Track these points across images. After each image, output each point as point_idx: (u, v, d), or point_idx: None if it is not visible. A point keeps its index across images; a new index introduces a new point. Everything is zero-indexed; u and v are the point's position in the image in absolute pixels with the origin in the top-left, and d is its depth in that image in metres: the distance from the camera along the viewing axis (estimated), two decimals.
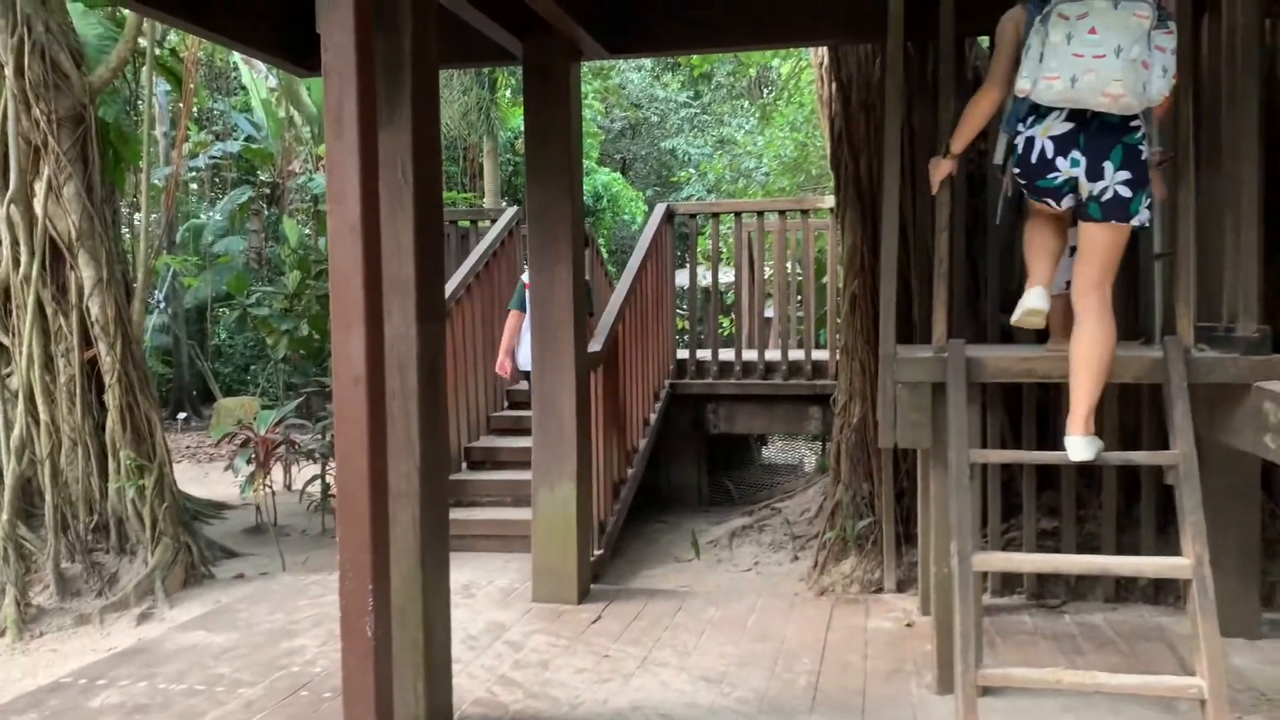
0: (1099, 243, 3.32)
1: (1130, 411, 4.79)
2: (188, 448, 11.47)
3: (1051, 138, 3.26)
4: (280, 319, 9.33)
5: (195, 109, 13.86)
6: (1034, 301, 3.45)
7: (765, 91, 18.52)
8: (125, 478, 5.69)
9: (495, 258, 7.10)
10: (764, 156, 16.17)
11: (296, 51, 4.92)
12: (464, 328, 6.61)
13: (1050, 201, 3.41)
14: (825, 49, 5.66)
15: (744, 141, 17.97)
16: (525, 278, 6.29)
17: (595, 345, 5.60)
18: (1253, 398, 3.29)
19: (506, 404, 7.27)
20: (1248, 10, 3.46)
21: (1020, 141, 3.34)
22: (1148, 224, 3.34)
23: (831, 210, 6.79)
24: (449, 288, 6.41)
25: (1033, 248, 3.59)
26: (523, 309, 5.97)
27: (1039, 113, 3.28)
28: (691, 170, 19.38)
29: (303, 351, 9.52)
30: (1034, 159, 3.31)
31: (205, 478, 9.40)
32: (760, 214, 8.16)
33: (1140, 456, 3.51)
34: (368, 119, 3.00)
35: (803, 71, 13.93)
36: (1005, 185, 3.58)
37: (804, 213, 7.95)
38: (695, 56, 16.56)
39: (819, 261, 8.92)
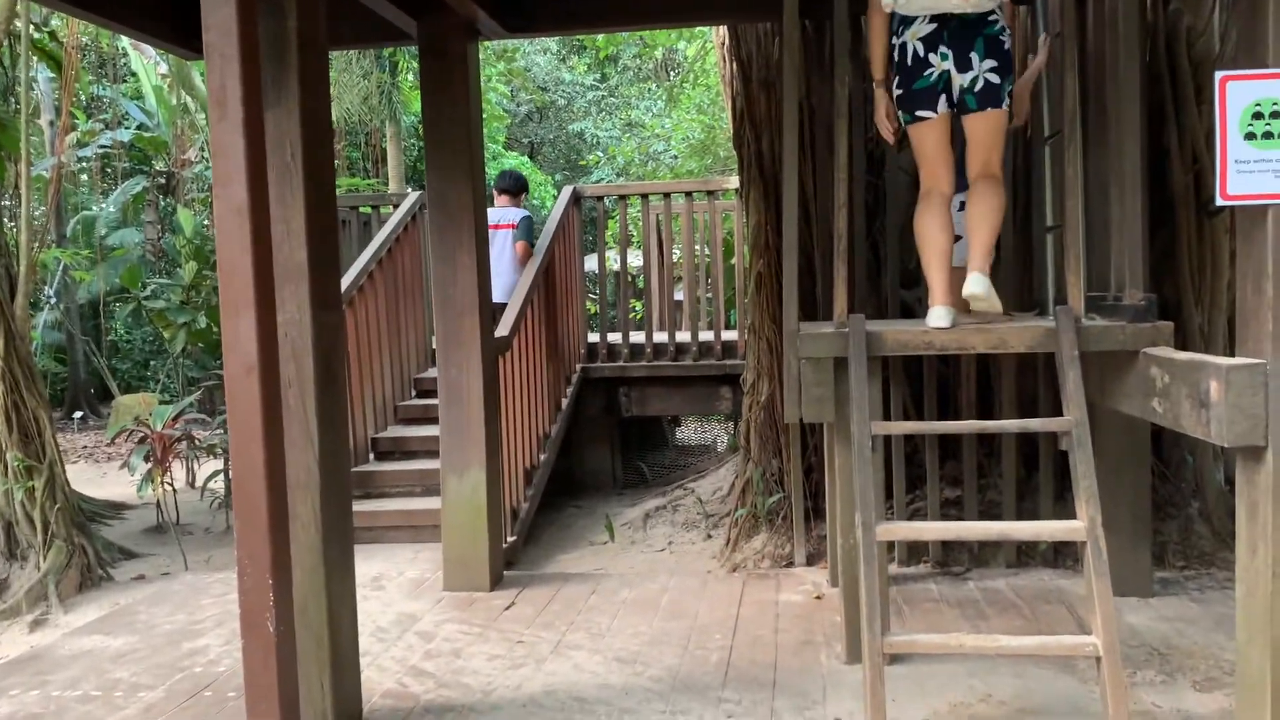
0: (980, 132, 3.62)
1: (1028, 380, 4.92)
2: (85, 447, 11.07)
3: (920, 39, 3.55)
4: (177, 312, 9.03)
5: (81, 96, 13.32)
6: (937, 321, 3.59)
7: (672, 74, 18.53)
8: (13, 479, 5.45)
9: (398, 244, 6.96)
10: (672, 139, 16.19)
11: (183, 33, 4.75)
12: (368, 315, 6.48)
13: (928, 112, 3.62)
14: (726, 28, 5.67)
15: (652, 124, 17.98)
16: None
17: (503, 330, 5.55)
18: (1140, 363, 3.40)
19: (414, 392, 7.16)
20: None
21: (895, 50, 3.64)
22: (1007, 98, 3.59)
23: (737, 191, 6.83)
24: (351, 275, 6.27)
25: (926, 246, 3.71)
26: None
27: (907, 22, 3.59)
28: (600, 153, 19.32)
29: (202, 344, 9.23)
30: (909, 61, 3.60)
31: (103, 478, 9.09)
32: (667, 196, 8.17)
33: (1035, 424, 3.59)
34: (253, 99, 2.90)
35: (708, 54, 13.98)
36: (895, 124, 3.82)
37: (710, 194, 7.98)
38: (600, 39, 16.47)
39: (727, 243, 8.96)
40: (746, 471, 5.62)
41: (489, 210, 7.43)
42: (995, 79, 3.53)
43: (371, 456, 6.53)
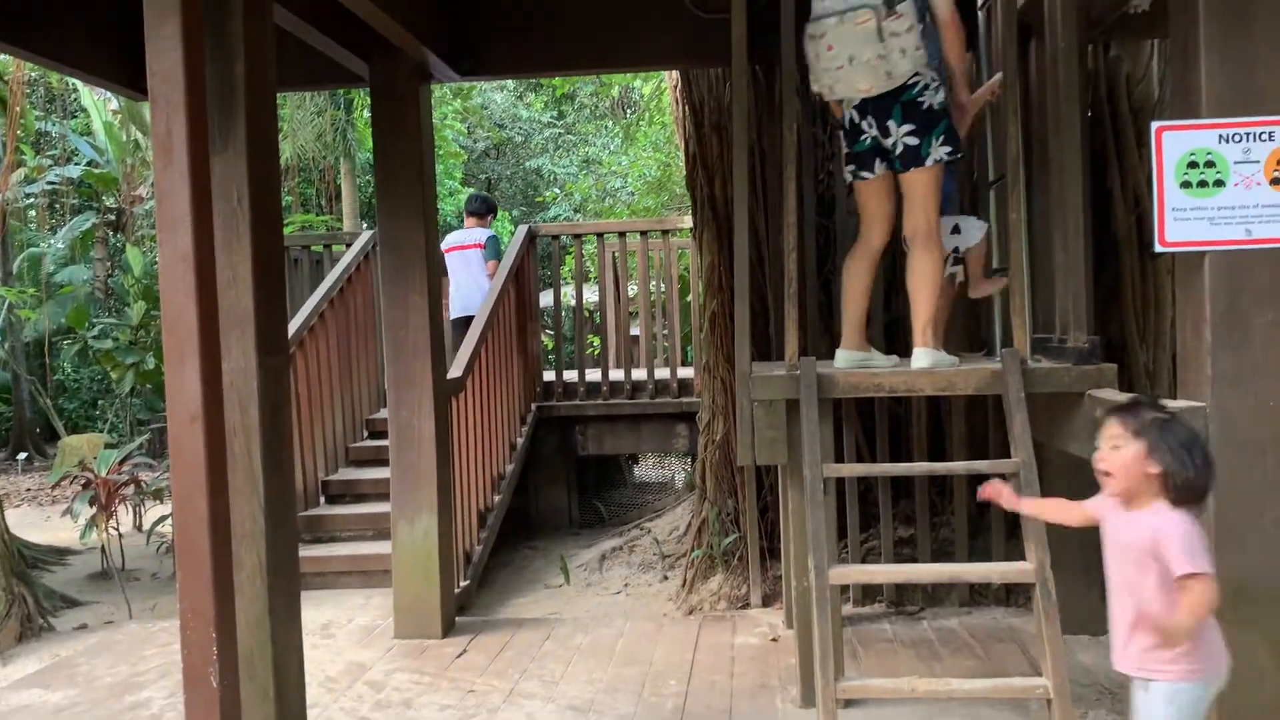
0: (910, 189, 3.77)
1: (978, 418, 4.97)
2: (28, 490, 10.81)
3: (853, 108, 3.80)
4: (125, 352, 8.90)
5: (26, 132, 13.13)
6: (836, 363, 3.85)
7: (628, 112, 18.67)
8: None
9: (350, 283, 6.91)
10: (628, 176, 16.29)
11: (130, 74, 4.70)
12: (319, 356, 6.41)
13: (867, 173, 3.84)
14: (678, 72, 5.73)
15: (609, 161, 18.08)
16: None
17: (456, 371, 5.51)
18: (1086, 405, 3.45)
19: (366, 433, 7.08)
20: (1069, 35, 3.63)
21: (845, 119, 3.87)
22: (946, 157, 3.71)
23: (691, 231, 6.87)
24: (301, 315, 6.21)
25: (843, 292, 3.96)
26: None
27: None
28: (557, 190, 19.38)
29: (150, 385, 9.09)
30: (848, 125, 3.86)
31: (46, 521, 8.87)
32: (623, 235, 8.21)
33: (983, 465, 3.62)
34: (198, 145, 2.88)
35: (663, 93, 14.12)
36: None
37: (665, 232, 8.03)
38: (555, 78, 16.57)
39: (683, 279, 9.01)
40: (702, 511, 5.61)
41: (456, 233, 7.65)
42: (914, 141, 3.69)
43: (322, 499, 6.43)
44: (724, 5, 3.95)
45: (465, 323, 6.76)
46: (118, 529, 6.66)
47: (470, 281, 7.53)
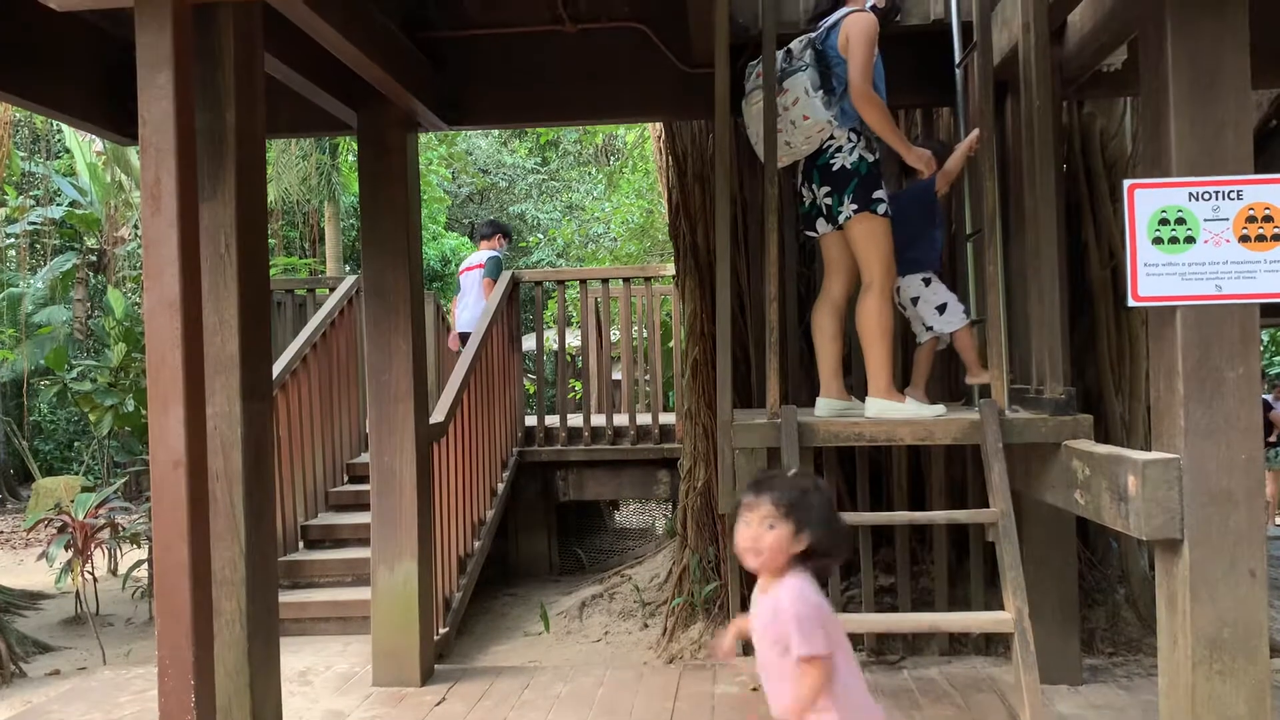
0: (850, 243, 3.93)
1: (957, 467, 5.01)
2: (2, 533, 10.69)
3: (795, 175, 4.08)
4: (105, 394, 8.83)
5: (10, 173, 13.13)
6: (817, 411, 3.95)
7: (611, 159, 18.85)
8: None
9: (334, 327, 6.92)
10: (611, 222, 16.41)
11: (118, 119, 4.73)
12: (300, 400, 6.40)
13: (811, 233, 4.08)
14: (662, 124, 5.81)
15: (592, 207, 18.22)
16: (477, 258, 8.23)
17: (438, 416, 5.51)
18: (1063, 455, 3.49)
19: (347, 478, 7.05)
20: (1043, 93, 3.72)
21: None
22: (853, 214, 3.85)
23: (673, 278, 6.93)
24: (284, 359, 6.21)
25: (817, 343, 4.09)
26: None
27: None
28: (540, 235, 19.48)
29: (129, 428, 9.02)
30: (794, 191, 4.13)
31: (20, 565, 8.77)
32: (605, 281, 8.26)
33: (962, 515, 3.66)
34: (187, 193, 2.91)
35: (646, 141, 14.28)
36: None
37: (647, 279, 8.09)
38: (541, 127, 16.73)
39: (665, 325, 9.06)
40: (683, 559, 5.61)
41: (470, 255, 8.58)
42: (829, 201, 3.90)
43: (301, 544, 6.39)
44: (707, 60, 4.04)
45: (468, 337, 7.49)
46: (93, 573, 6.58)
47: (476, 301, 8.01)
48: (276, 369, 5.99)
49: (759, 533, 2.31)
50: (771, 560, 2.32)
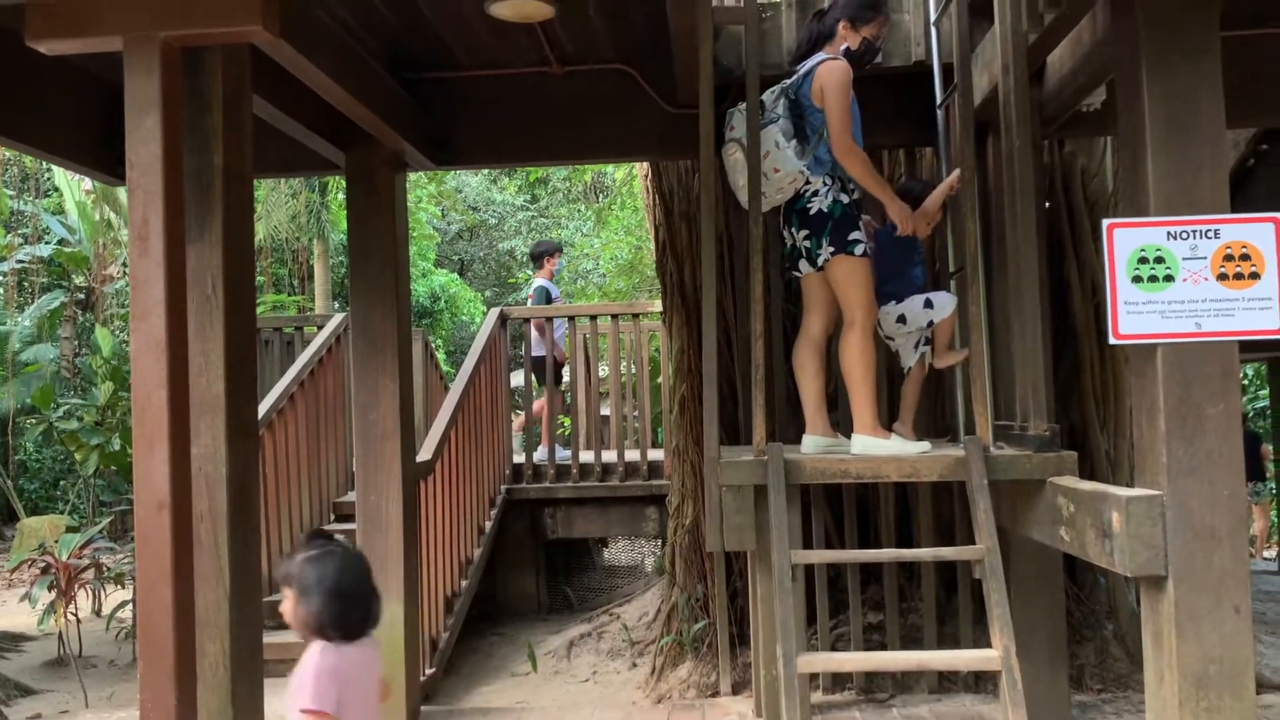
0: (831, 284, 3.98)
1: (945, 503, 5.02)
2: None
3: (779, 217, 4.12)
4: (91, 433, 8.80)
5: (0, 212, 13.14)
6: (804, 448, 3.98)
7: (600, 196, 18.96)
8: None
9: (321, 365, 6.91)
10: (600, 259, 16.48)
11: (106, 160, 4.75)
12: (287, 439, 6.38)
13: (795, 273, 4.13)
14: (649, 163, 5.86)
15: (581, 244, 18.29)
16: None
17: (425, 455, 5.51)
18: (1048, 492, 3.50)
19: (333, 517, 7.01)
20: (1024, 133, 3.77)
21: None
22: (831, 256, 3.89)
23: (661, 315, 6.96)
24: (271, 398, 6.20)
25: (799, 381, 4.13)
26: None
27: None
28: (530, 272, 19.53)
29: (115, 467, 8.98)
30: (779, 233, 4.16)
31: (2, 606, 8.67)
32: (594, 318, 8.29)
33: (948, 552, 3.66)
34: (175, 234, 2.93)
35: (634, 178, 14.38)
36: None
37: (635, 316, 8.12)
38: (529, 167, 16.84)
39: (654, 361, 9.08)
40: (672, 597, 5.59)
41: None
42: (808, 244, 3.96)
43: None
44: (693, 101, 4.09)
45: (535, 361, 7.93)
46: (76, 614, 6.52)
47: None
48: (263, 408, 5.98)
49: (285, 602, 2.49)
50: (296, 626, 2.48)
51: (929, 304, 4.13)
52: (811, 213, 3.91)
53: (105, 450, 8.76)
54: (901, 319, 4.18)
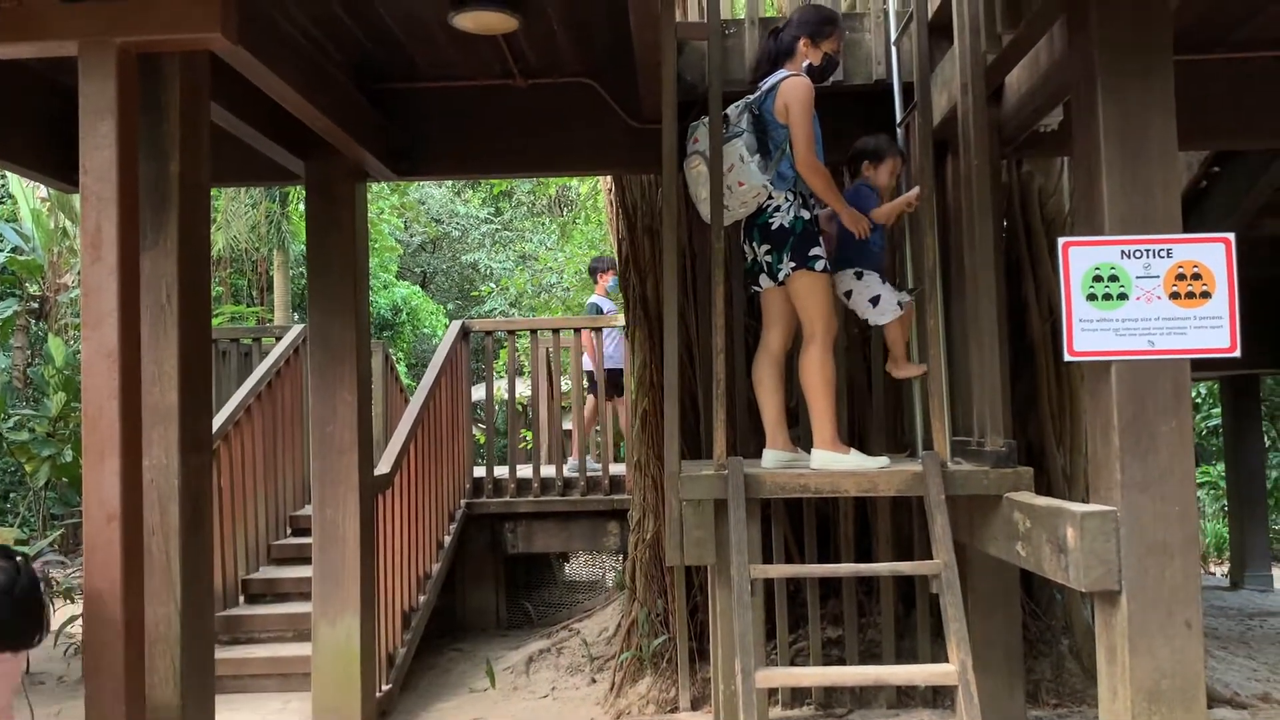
0: (791, 298, 3.99)
1: (904, 517, 5.04)
2: None
3: (740, 232, 4.15)
4: (42, 444, 8.63)
5: None
6: (764, 463, 3.99)
7: (565, 210, 18.96)
8: None
9: (279, 377, 6.83)
10: (564, 272, 16.47)
11: (61, 167, 4.66)
12: (243, 451, 6.29)
13: (756, 287, 4.12)
14: (612, 177, 5.87)
15: (545, 257, 18.27)
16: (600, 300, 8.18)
17: (384, 468, 5.46)
18: (1004, 508, 3.53)
19: (290, 530, 6.92)
20: (982, 153, 3.82)
21: None
22: (791, 270, 3.90)
23: (624, 328, 6.96)
24: (227, 410, 6.12)
25: (758, 395, 4.13)
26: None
27: None
28: (493, 285, 19.47)
29: (66, 479, 8.81)
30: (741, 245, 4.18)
31: None
32: (556, 331, 8.27)
33: (906, 567, 3.68)
34: (128, 242, 2.89)
35: (599, 193, 14.41)
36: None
37: (598, 330, 8.10)
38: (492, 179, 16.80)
39: None
40: (632, 612, 5.57)
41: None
42: (770, 258, 3.97)
43: (241, 599, 6.25)
44: (656, 116, 4.10)
45: (606, 373, 7.86)
46: None
47: (608, 342, 7.98)
48: (219, 419, 5.90)
49: None
50: None
51: (875, 301, 4.16)
52: (773, 228, 3.94)
53: (57, 462, 8.59)
54: (848, 294, 4.23)
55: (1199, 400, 12.70)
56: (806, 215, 3.94)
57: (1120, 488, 2.86)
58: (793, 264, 3.90)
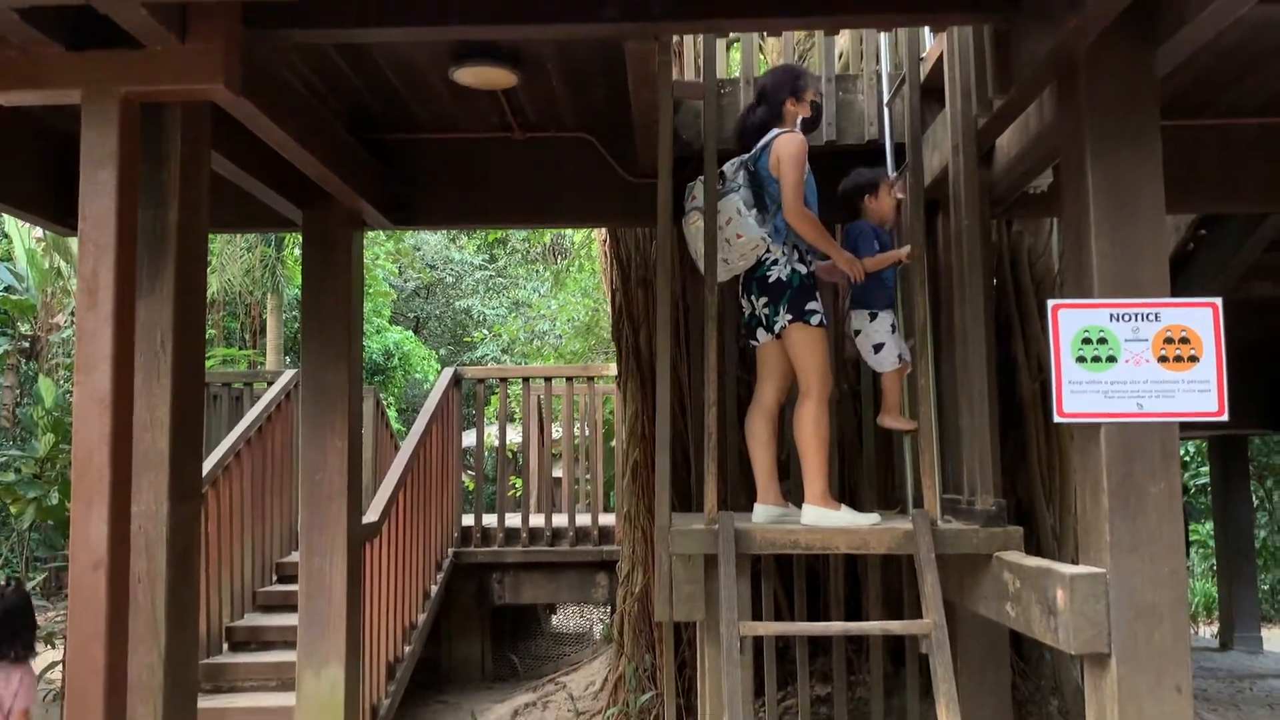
0: (789, 350, 3.98)
1: (894, 575, 5.02)
2: None
3: (737, 285, 4.16)
4: (28, 485, 8.57)
5: None
6: (754, 517, 3.96)
7: (559, 258, 19.05)
8: None
9: (270, 422, 6.82)
10: (557, 319, 16.51)
11: (58, 210, 4.68)
12: (231, 497, 6.26)
13: (754, 341, 4.13)
14: (606, 228, 5.92)
15: (538, 304, 18.33)
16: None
17: (372, 516, 5.43)
18: (994, 567, 3.53)
19: (276, 577, 6.87)
20: (972, 213, 3.86)
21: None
22: (788, 324, 3.91)
23: (616, 379, 6.98)
24: (217, 454, 6.10)
25: (750, 449, 4.12)
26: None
27: None
28: (485, 331, 19.50)
29: (51, 521, 8.74)
30: (737, 297, 4.20)
31: None
32: (548, 380, 8.28)
33: (896, 626, 3.66)
34: (125, 290, 2.90)
35: (593, 241, 14.49)
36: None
37: (590, 379, 8.12)
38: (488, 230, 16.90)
39: (608, 423, 9.07)
40: (619, 667, 5.52)
41: None
42: (767, 311, 4.00)
43: (225, 646, 6.18)
44: (652, 171, 4.15)
45: None
46: None
47: None
48: (208, 464, 5.88)
49: None
50: None
51: (878, 349, 4.19)
52: (770, 280, 3.97)
53: (43, 504, 8.53)
54: (857, 333, 4.27)
55: (1187, 458, 12.73)
56: (803, 270, 3.97)
57: (1109, 549, 2.86)
58: (789, 316, 3.93)
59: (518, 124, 4.78)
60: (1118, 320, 3.00)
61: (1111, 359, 2.99)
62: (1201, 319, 3.00)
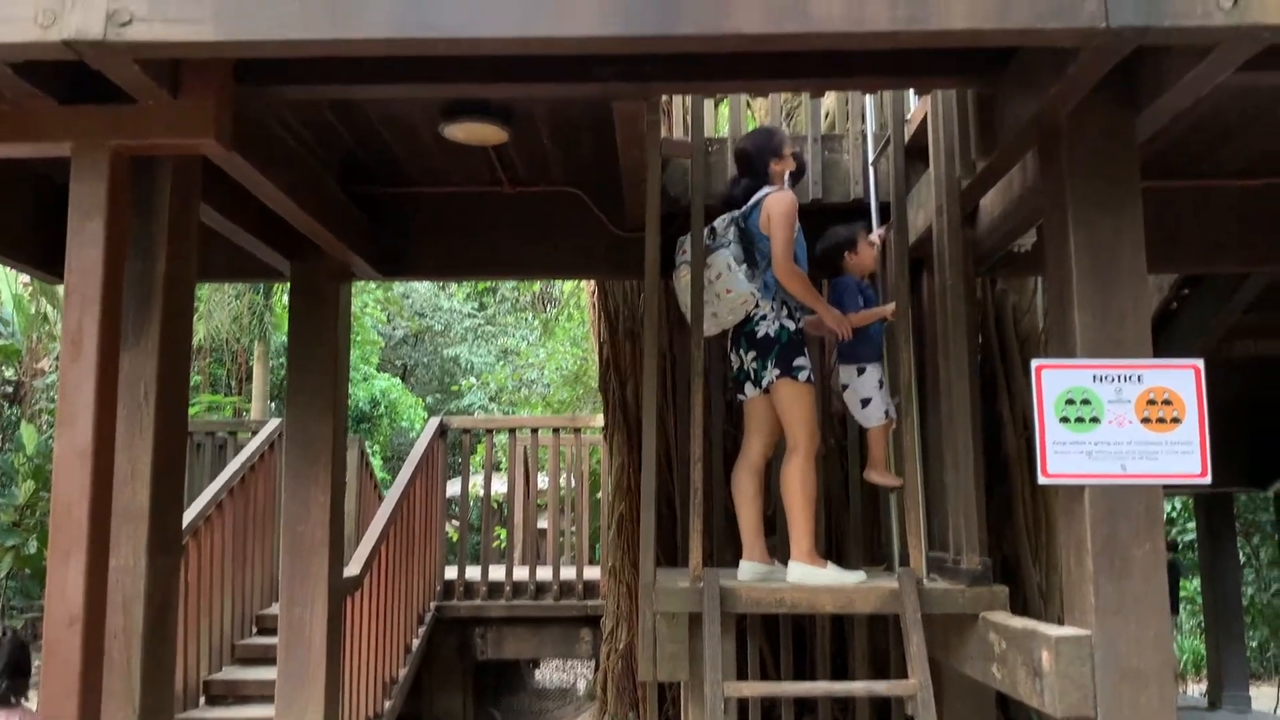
0: (776, 406, 3.99)
1: (880, 633, 4.99)
2: None
3: (725, 339, 4.20)
4: (6, 533, 8.47)
5: None
6: (740, 575, 3.94)
7: (548, 307, 19.09)
8: None
9: (253, 472, 6.77)
10: (545, 368, 16.50)
11: (45, 257, 4.67)
12: (212, 548, 6.19)
13: (742, 395, 4.14)
14: (595, 280, 5.95)
15: (526, 353, 18.33)
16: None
17: (353, 569, 5.38)
18: (980, 627, 3.51)
19: (255, 630, 6.77)
20: (957, 272, 3.90)
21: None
22: (776, 379, 3.92)
23: (602, 431, 6.96)
24: (199, 504, 6.04)
25: (736, 505, 4.12)
26: None
27: None
28: (473, 379, 19.47)
29: (29, 570, 8.62)
30: (725, 352, 4.26)
31: None
32: (535, 431, 8.25)
33: (882, 687, 3.63)
34: (109, 342, 2.89)
35: (582, 290, 14.52)
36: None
37: (576, 430, 8.10)
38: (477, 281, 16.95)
39: (594, 475, 9.03)
40: None
41: None
42: (755, 365, 4.02)
43: (202, 700, 6.08)
44: (640, 225, 4.18)
45: None
46: None
47: None
48: (190, 514, 5.82)
49: None
50: None
51: (865, 403, 4.21)
52: (759, 335, 3.99)
53: (21, 553, 8.42)
54: (845, 388, 4.30)
55: (1174, 514, 12.74)
56: (792, 326, 3.99)
57: (1095, 611, 2.85)
58: (777, 371, 3.94)
59: (508, 178, 4.82)
60: (1101, 381, 3.02)
61: (1095, 420, 3.00)
62: (1184, 380, 3.02)
